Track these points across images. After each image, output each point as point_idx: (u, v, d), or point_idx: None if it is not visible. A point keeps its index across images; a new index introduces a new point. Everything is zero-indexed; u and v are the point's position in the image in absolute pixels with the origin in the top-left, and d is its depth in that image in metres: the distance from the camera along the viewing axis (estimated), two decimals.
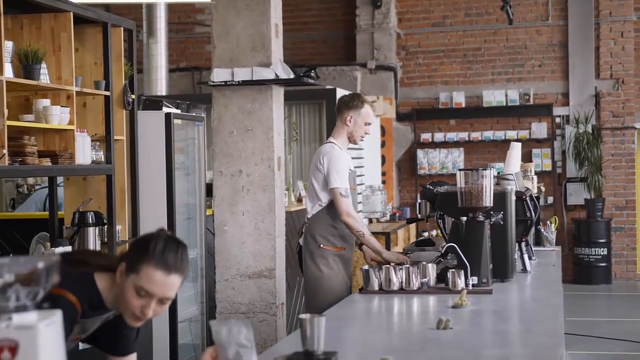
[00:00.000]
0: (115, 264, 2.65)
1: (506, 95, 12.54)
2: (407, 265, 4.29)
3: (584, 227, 12.13)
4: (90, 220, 5.36)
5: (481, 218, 4.39)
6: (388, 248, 9.04)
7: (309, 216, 5.23)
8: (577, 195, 12.39)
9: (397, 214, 10.77)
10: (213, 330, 2.50)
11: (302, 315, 2.73)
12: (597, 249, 12.04)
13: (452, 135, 12.65)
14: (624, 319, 9.81)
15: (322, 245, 5.14)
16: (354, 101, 5.24)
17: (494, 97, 12.56)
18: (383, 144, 12.25)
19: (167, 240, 2.59)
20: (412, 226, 11.00)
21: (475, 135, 12.58)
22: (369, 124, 5.25)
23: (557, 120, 12.54)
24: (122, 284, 2.58)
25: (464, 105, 12.67)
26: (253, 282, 5.53)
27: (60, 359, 1.80)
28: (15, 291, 1.76)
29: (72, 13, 5.14)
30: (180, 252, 2.59)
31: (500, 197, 4.53)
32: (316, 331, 2.73)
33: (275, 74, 5.57)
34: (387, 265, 4.31)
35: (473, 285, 4.23)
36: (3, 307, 1.76)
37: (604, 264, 12.08)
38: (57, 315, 1.80)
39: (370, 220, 10.22)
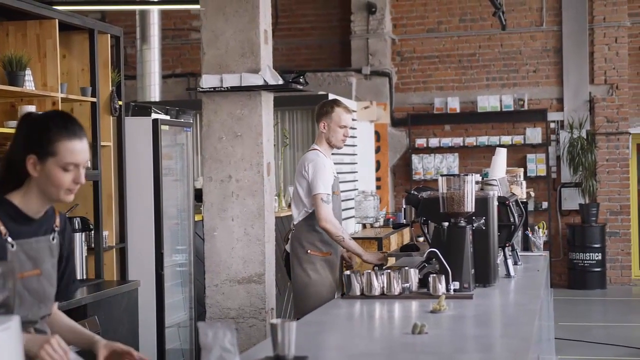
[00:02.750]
0: (16, 177, 2.69)
1: (501, 101, 12.55)
2: (389, 271, 4.30)
3: (579, 232, 12.13)
4: (77, 226, 5.37)
5: (463, 223, 4.40)
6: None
7: (295, 222, 5.31)
8: (571, 200, 12.40)
9: (392, 219, 10.78)
10: (200, 331, 2.55)
11: (273, 320, 2.76)
12: (591, 254, 12.05)
13: (447, 141, 12.67)
14: (618, 324, 9.82)
15: (309, 251, 5.22)
16: (325, 107, 5.38)
17: (488, 102, 12.58)
18: (378, 150, 12.27)
19: (60, 114, 2.74)
20: (406, 231, 11.01)
21: (470, 141, 12.59)
22: (344, 126, 5.33)
23: (552, 125, 12.55)
24: (41, 174, 2.66)
25: (458, 111, 12.69)
26: (242, 287, 5.54)
27: None
28: None
29: (57, 20, 5.17)
30: (74, 118, 2.74)
31: (482, 203, 4.54)
32: (287, 336, 2.75)
33: (264, 80, 5.59)
34: (369, 271, 4.32)
35: (455, 291, 4.24)
36: None
37: (598, 269, 12.09)
38: (13, 321, 1.82)
39: (364, 226, 10.23)
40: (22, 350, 1.85)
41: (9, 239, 2.64)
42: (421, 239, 11.62)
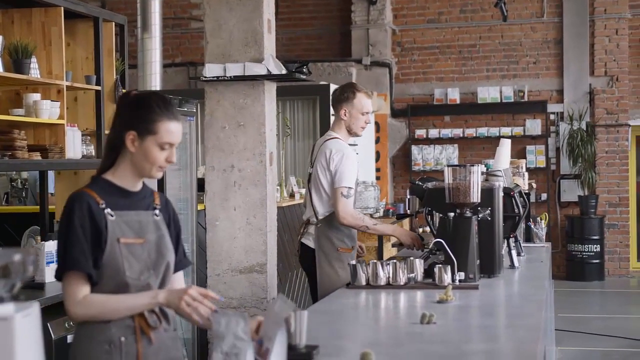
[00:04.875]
0: (113, 156, 2.82)
1: (501, 92, 12.56)
2: (394, 261, 4.30)
3: (578, 223, 12.16)
4: None
5: (469, 214, 4.40)
6: (381, 244, 9.06)
7: (319, 217, 5.06)
8: (570, 192, 12.42)
9: (391, 209, 10.80)
10: (213, 320, 2.56)
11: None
12: (590, 246, 12.07)
13: (447, 132, 12.68)
14: (617, 316, 9.85)
15: (339, 249, 5.03)
16: (345, 93, 5.12)
17: (488, 93, 12.58)
18: (378, 140, 12.27)
19: (161, 96, 2.88)
20: (406, 222, 11.03)
21: (470, 132, 12.60)
22: (366, 113, 5.10)
23: (552, 117, 12.56)
24: (138, 150, 2.79)
25: (458, 102, 12.70)
26: (244, 277, 5.54)
27: (37, 351, 1.82)
28: None
29: (62, 8, 5.16)
30: (173, 101, 2.89)
31: (488, 193, 4.54)
32: (298, 325, 2.76)
33: (267, 70, 5.59)
34: (375, 261, 4.33)
35: (460, 281, 4.25)
36: None
37: (597, 261, 12.12)
38: (33, 307, 1.82)
39: None
40: (41, 336, 1.84)
41: (108, 210, 2.77)
42: (420, 230, 11.59)
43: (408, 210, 5.21)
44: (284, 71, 5.60)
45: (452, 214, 4.40)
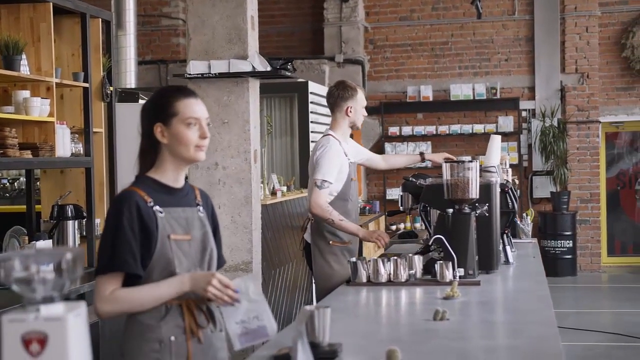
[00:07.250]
0: (151, 158, 2.82)
1: (473, 89, 12.61)
2: (395, 258, 4.29)
3: (550, 219, 12.26)
4: (70, 214, 5.29)
5: (467, 210, 4.41)
6: (360, 242, 9.04)
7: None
8: (543, 188, 12.52)
9: (367, 207, 10.82)
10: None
11: (308, 307, 2.72)
12: (562, 242, 12.18)
13: (420, 129, 12.70)
14: (591, 310, 9.95)
15: (331, 242, 5.09)
16: (347, 91, 5.21)
17: (461, 90, 12.62)
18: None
19: (170, 86, 2.96)
20: (382, 219, 11.05)
21: (443, 129, 12.64)
22: (364, 105, 5.31)
23: (524, 114, 12.65)
24: (170, 137, 2.78)
25: (431, 99, 12.73)
26: (230, 275, 5.42)
27: (86, 350, 1.78)
28: (42, 282, 1.74)
29: (51, 4, 5.07)
30: (183, 87, 2.94)
31: (486, 189, 4.55)
32: (322, 322, 2.73)
33: (252, 67, 5.56)
34: (376, 258, 4.31)
35: (460, 277, 4.25)
36: (30, 298, 1.74)
37: (569, 256, 12.23)
38: (82, 307, 1.78)
39: None
40: (88, 335, 1.80)
41: (156, 207, 2.75)
42: (394, 227, 11.61)
43: (401, 207, 5.20)
44: (269, 68, 5.58)
45: (450, 210, 4.40)
